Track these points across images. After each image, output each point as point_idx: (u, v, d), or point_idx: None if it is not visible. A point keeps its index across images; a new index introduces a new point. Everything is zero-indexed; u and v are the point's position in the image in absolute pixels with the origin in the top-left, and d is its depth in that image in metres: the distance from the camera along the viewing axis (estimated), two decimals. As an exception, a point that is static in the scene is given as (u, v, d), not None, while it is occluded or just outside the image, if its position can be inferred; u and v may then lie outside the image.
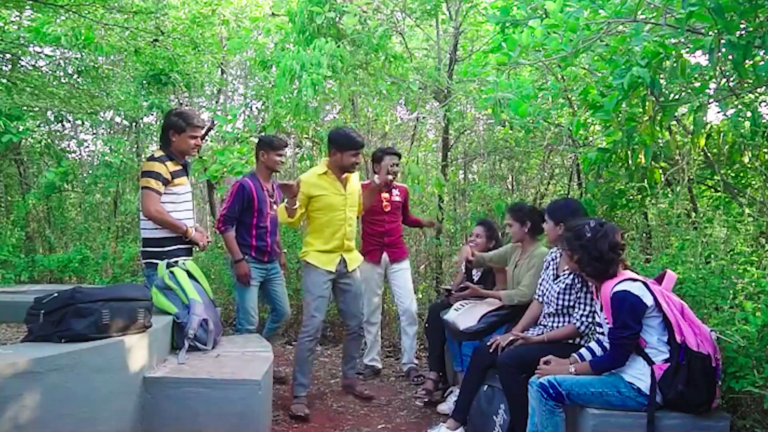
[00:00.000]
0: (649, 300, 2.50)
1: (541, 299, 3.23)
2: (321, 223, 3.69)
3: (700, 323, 2.54)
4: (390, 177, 4.04)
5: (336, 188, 3.70)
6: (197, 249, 3.72)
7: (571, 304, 3.03)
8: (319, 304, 3.69)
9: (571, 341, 3.01)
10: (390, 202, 4.42)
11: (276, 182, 3.98)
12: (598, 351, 2.71)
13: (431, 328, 3.95)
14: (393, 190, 4.44)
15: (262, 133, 5.80)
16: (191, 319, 3.26)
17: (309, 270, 3.73)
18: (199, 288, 3.44)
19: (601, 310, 2.64)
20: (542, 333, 3.10)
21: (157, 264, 3.48)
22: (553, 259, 3.22)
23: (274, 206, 3.94)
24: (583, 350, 2.79)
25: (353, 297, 3.86)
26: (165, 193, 3.48)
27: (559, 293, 3.06)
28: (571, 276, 3.01)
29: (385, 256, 4.43)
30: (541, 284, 3.26)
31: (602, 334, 2.71)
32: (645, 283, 2.55)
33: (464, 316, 3.47)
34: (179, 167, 3.58)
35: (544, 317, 3.17)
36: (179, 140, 3.56)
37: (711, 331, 2.54)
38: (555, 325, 3.08)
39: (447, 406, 3.62)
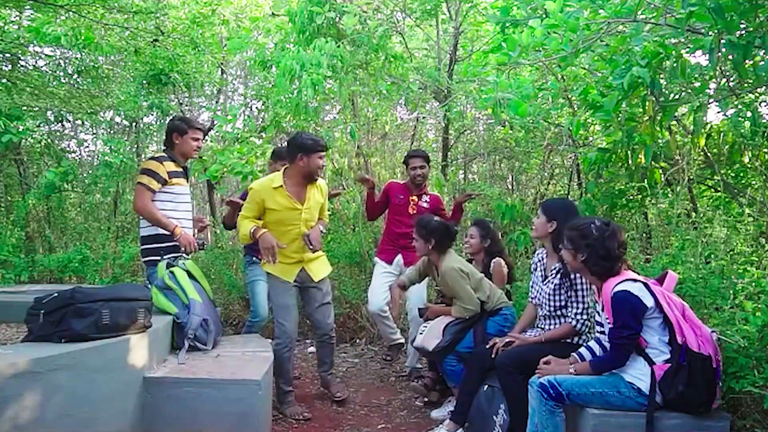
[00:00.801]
0: (649, 301, 2.50)
1: (534, 301, 3.23)
2: (274, 236, 3.50)
3: (701, 324, 2.54)
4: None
5: (290, 203, 3.47)
6: (183, 253, 3.56)
7: (564, 303, 3.02)
8: (286, 313, 3.57)
9: (569, 341, 3.01)
10: (417, 206, 4.34)
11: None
12: (598, 350, 2.71)
13: None
14: (423, 195, 4.38)
15: (262, 133, 5.81)
16: (191, 319, 3.27)
17: (271, 280, 3.62)
18: (199, 288, 3.45)
19: (602, 309, 2.64)
20: (540, 334, 3.10)
21: (156, 262, 3.50)
22: (540, 260, 3.21)
23: None
24: (582, 350, 2.78)
25: (320, 306, 3.72)
26: (162, 192, 3.55)
27: (550, 294, 3.05)
28: (559, 275, 3.01)
29: (399, 258, 4.35)
30: (532, 287, 3.26)
31: (602, 333, 2.71)
32: (646, 284, 2.55)
33: (428, 336, 3.46)
34: (179, 169, 3.65)
35: (540, 320, 3.16)
36: (182, 142, 3.67)
37: (712, 332, 2.54)
38: (551, 327, 3.08)
39: (441, 414, 3.60)
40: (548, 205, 3.20)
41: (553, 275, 3.06)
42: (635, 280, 2.55)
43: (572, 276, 2.97)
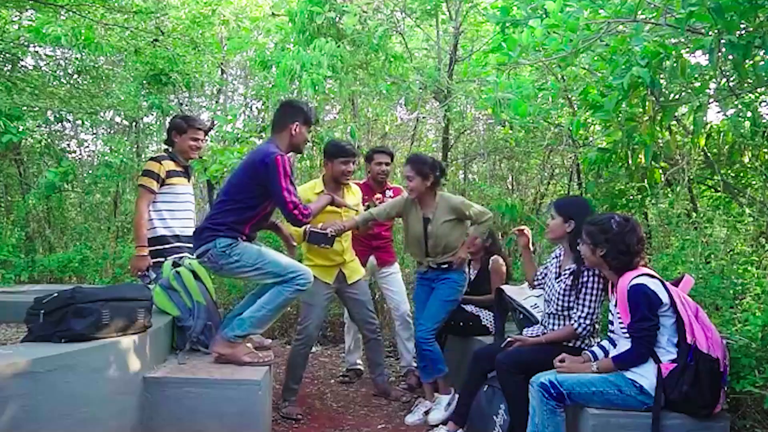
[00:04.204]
0: (664, 297, 2.50)
1: (544, 297, 3.22)
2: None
3: (714, 328, 2.53)
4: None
5: (330, 207, 3.55)
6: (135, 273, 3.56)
7: (571, 305, 3.02)
8: (311, 312, 3.68)
9: (570, 344, 3.00)
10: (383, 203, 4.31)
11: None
12: (611, 348, 2.71)
13: None
14: (387, 191, 4.33)
15: (262, 133, 5.81)
16: (196, 323, 3.25)
17: None
18: (202, 288, 3.42)
19: (615, 305, 2.64)
20: (542, 333, 3.10)
21: (161, 263, 3.50)
22: (557, 257, 3.20)
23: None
24: (595, 348, 2.79)
25: (361, 305, 3.85)
26: (162, 192, 3.57)
27: (559, 294, 3.04)
28: (571, 277, 3.00)
29: (372, 259, 4.28)
30: (544, 279, 3.24)
31: (612, 332, 2.71)
32: (662, 282, 2.55)
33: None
34: (180, 168, 3.66)
35: (546, 317, 3.15)
36: (180, 141, 3.71)
37: (723, 337, 2.54)
38: (555, 326, 3.07)
39: (415, 418, 3.57)
40: (562, 205, 3.14)
41: (566, 276, 3.03)
42: (652, 276, 2.56)
43: (582, 279, 2.95)
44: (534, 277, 3.28)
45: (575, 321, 2.96)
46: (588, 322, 2.94)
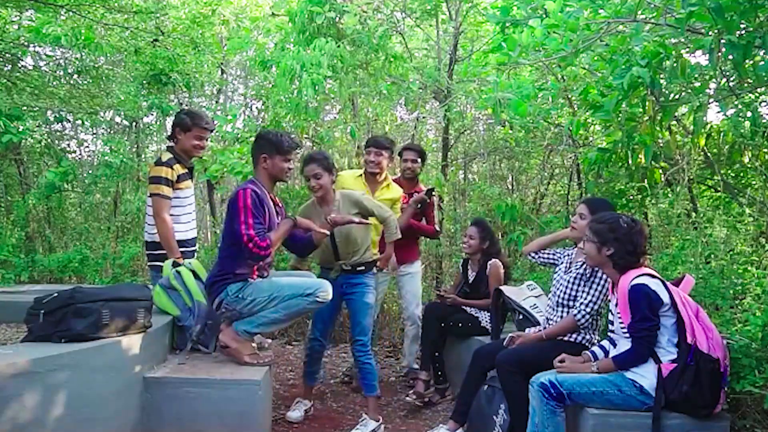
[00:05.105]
0: (665, 297, 2.50)
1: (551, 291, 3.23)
2: None
3: (714, 328, 2.53)
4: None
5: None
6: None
7: (576, 295, 3.03)
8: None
9: (572, 340, 3.00)
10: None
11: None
12: (611, 348, 2.71)
13: (426, 328, 3.95)
14: (414, 194, 4.22)
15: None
16: (197, 322, 3.24)
17: None
18: (202, 288, 3.41)
19: (616, 305, 2.64)
20: (543, 328, 3.10)
21: (161, 266, 3.49)
22: (568, 254, 3.23)
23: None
24: (595, 348, 2.79)
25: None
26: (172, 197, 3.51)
27: (569, 282, 3.05)
28: (584, 266, 3.02)
29: (392, 258, 4.12)
30: (554, 278, 3.25)
31: (612, 332, 2.71)
32: (663, 282, 2.55)
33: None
34: (185, 170, 3.60)
35: (549, 309, 3.16)
36: (184, 139, 3.58)
37: (723, 337, 2.54)
38: (559, 317, 3.07)
39: (297, 414, 3.55)
40: (595, 203, 3.13)
41: (578, 266, 3.06)
42: (653, 276, 2.56)
43: (595, 269, 2.96)
44: (536, 252, 3.40)
45: (576, 309, 2.97)
46: (588, 310, 2.95)
